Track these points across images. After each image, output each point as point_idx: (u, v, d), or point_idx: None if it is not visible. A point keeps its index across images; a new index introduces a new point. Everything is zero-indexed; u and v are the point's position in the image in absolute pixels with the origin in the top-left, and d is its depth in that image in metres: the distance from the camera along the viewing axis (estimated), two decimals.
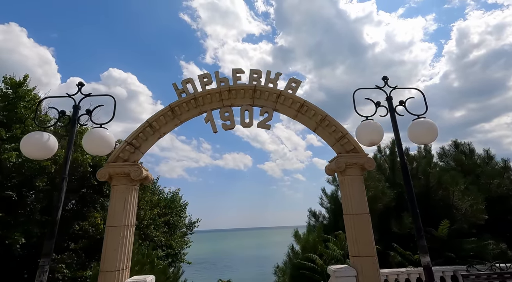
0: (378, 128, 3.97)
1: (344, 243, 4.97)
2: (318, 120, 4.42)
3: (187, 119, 4.55)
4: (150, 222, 8.91)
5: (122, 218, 3.79)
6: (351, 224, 3.88)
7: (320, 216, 7.45)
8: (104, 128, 3.94)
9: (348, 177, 4.07)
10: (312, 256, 5.07)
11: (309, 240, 5.69)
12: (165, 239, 9.74)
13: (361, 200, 3.94)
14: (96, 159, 7.66)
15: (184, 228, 11.91)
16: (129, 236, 3.81)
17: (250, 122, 4.52)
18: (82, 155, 7.31)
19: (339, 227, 6.26)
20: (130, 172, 3.91)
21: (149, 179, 4.31)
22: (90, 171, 7.48)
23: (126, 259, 3.71)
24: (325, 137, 4.46)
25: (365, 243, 3.71)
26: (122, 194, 3.88)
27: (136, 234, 8.66)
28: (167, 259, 8.91)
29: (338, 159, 4.06)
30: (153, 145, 4.40)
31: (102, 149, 3.87)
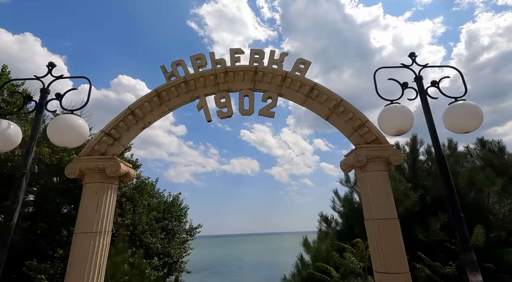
0: (407, 113, 3.25)
1: (364, 254, 4.19)
2: (331, 106, 3.70)
3: (177, 106, 3.90)
4: (146, 228, 8.26)
5: (94, 223, 3.13)
6: (375, 231, 3.12)
7: (333, 221, 6.66)
8: (75, 115, 3.32)
9: (370, 173, 3.33)
10: (327, 267, 4.31)
11: (321, 249, 4.94)
12: (162, 246, 9.06)
13: (387, 202, 3.19)
14: None
15: (184, 234, 11.22)
16: (102, 245, 3.15)
17: (250, 109, 3.84)
18: (69, 155, 6.74)
19: (355, 234, 5.48)
20: (105, 167, 3.27)
21: (131, 176, 3.65)
22: None
23: (97, 273, 3.03)
24: (340, 127, 3.73)
25: (394, 256, 2.95)
26: (95, 194, 3.24)
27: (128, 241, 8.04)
28: (163, 269, 8.22)
29: (358, 152, 3.33)
30: (136, 136, 3.76)
31: (72, 140, 3.24)
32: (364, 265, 4.09)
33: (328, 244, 4.95)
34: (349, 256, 4.24)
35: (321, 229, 6.80)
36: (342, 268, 4.50)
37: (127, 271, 5.15)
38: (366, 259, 4.14)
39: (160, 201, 10.43)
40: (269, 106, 3.84)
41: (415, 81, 3.48)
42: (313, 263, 4.94)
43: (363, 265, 4.15)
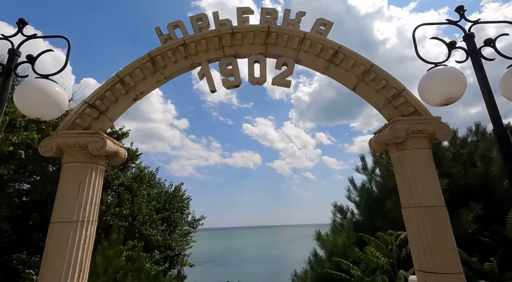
0: (458, 76, 2.63)
1: (390, 248, 3.62)
2: (359, 73, 3.09)
3: (174, 74, 3.30)
4: (146, 219, 7.78)
5: (75, 210, 2.59)
6: (417, 222, 2.54)
7: (348, 212, 6.10)
8: (51, 81, 2.75)
9: (410, 151, 2.73)
10: (348, 264, 3.76)
11: (337, 244, 4.37)
12: (162, 239, 8.59)
13: (433, 186, 2.60)
14: None
15: (186, 226, 10.75)
16: (85, 237, 2.60)
17: (262, 77, 3.23)
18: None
19: (376, 226, 4.92)
20: (87, 144, 2.70)
21: (120, 156, 3.08)
22: None
23: (79, 271, 2.49)
24: (370, 98, 3.12)
25: (443, 251, 2.38)
26: (76, 176, 2.68)
27: (126, 232, 7.58)
28: (165, 263, 7.77)
29: (395, 125, 2.72)
30: (126, 109, 3.18)
31: (45, 110, 2.68)
32: (393, 261, 3.53)
33: (345, 237, 4.38)
34: (373, 251, 3.68)
35: (335, 220, 6.25)
36: (362, 263, 3.95)
37: (121, 266, 4.64)
38: (394, 254, 3.58)
39: (161, 191, 9.94)
40: (284, 74, 3.23)
41: (465, 40, 2.85)
42: (328, 258, 4.40)
43: (392, 261, 3.59)
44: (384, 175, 5.28)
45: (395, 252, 3.55)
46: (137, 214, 7.37)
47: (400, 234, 3.47)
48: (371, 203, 5.41)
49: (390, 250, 3.56)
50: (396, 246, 3.61)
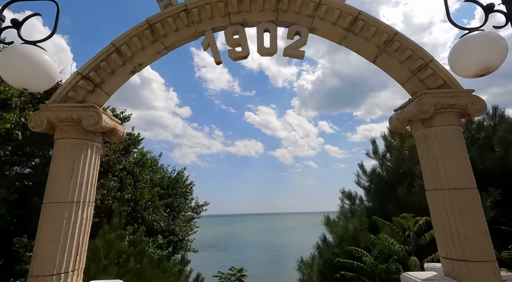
0: (497, 41, 2.31)
1: (406, 234, 3.41)
2: (381, 42, 2.78)
3: (176, 44, 3.01)
4: (148, 204, 7.66)
5: (69, 190, 2.38)
6: (445, 205, 2.31)
7: (356, 198, 5.89)
8: (39, 48, 2.48)
9: (438, 128, 2.46)
10: (359, 250, 3.57)
11: (348, 229, 4.18)
12: (166, 224, 8.51)
13: (463, 166, 2.35)
14: None
15: (190, 211, 10.67)
16: (81, 219, 2.41)
17: (272, 47, 2.93)
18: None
19: (387, 211, 4.71)
20: (81, 118, 2.46)
21: (118, 133, 2.84)
22: None
23: (75, 255, 2.30)
24: (393, 70, 2.83)
25: (475, 237, 2.15)
26: (70, 153, 2.45)
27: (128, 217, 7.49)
28: (168, 248, 7.71)
29: (422, 99, 2.44)
30: (123, 82, 2.91)
31: (33, 80, 2.43)
32: (410, 248, 3.33)
33: (357, 223, 4.18)
34: (387, 237, 3.48)
35: (343, 206, 6.06)
36: (375, 250, 3.76)
37: (123, 250, 4.52)
38: (411, 240, 3.37)
39: (164, 176, 9.80)
40: (297, 44, 2.93)
41: (504, 3, 2.52)
42: (339, 244, 4.22)
43: (408, 247, 3.39)
44: (397, 159, 5.03)
45: (412, 238, 3.35)
46: (140, 199, 7.24)
47: (419, 219, 3.26)
48: (382, 188, 5.19)
49: (407, 237, 3.36)
50: (413, 232, 3.40)
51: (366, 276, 3.58)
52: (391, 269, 3.24)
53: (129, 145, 10.04)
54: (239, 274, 20.46)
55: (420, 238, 3.22)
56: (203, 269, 18.27)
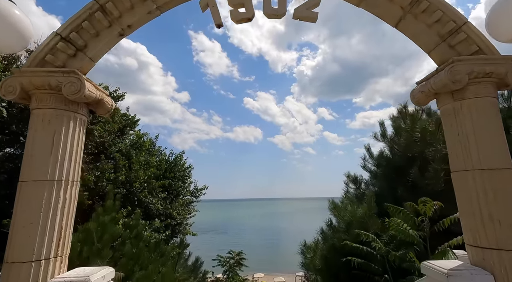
0: None
1: (420, 219, 3.19)
2: (406, 2, 2.43)
3: (169, 5, 2.64)
4: (144, 186, 7.44)
5: (49, 167, 2.09)
6: (476, 187, 2.06)
7: (362, 182, 5.66)
8: (8, 1, 2.12)
9: (471, 100, 2.16)
10: (369, 236, 3.36)
11: (357, 214, 3.97)
12: (163, 207, 8.34)
13: (499, 144, 2.07)
14: None
15: (188, 195, 10.51)
16: (64, 199, 2.14)
17: (280, 8, 2.56)
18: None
19: (396, 196, 4.49)
20: (60, 85, 2.12)
21: (106, 106, 2.53)
22: None
23: (57, 239, 2.05)
24: (418, 35, 2.49)
25: (511, 224, 1.88)
26: (49, 125, 2.14)
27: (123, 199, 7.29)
28: (166, 231, 7.58)
29: (455, 67, 2.12)
30: (110, 47, 2.57)
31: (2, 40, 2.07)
32: (425, 234, 3.12)
33: (366, 208, 3.97)
34: (400, 222, 3.25)
35: (348, 191, 5.85)
36: (385, 236, 3.55)
37: (118, 233, 4.31)
38: (425, 226, 3.15)
39: (161, 159, 9.55)
40: (308, 4, 2.55)
41: None
42: (346, 229, 4.01)
43: (422, 234, 3.18)
44: (407, 142, 4.76)
45: (426, 224, 3.13)
46: (135, 180, 7.02)
47: (436, 204, 3.04)
48: (390, 172, 4.95)
49: (421, 222, 3.14)
50: (427, 218, 3.18)
51: (375, 263, 3.40)
52: (406, 256, 3.04)
53: (125, 126, 9.71)
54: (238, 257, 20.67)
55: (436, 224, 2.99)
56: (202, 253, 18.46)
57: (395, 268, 3.35)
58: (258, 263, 35.47)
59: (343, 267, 4.43)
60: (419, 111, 5.13)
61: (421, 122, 4.79)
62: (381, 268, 3.40)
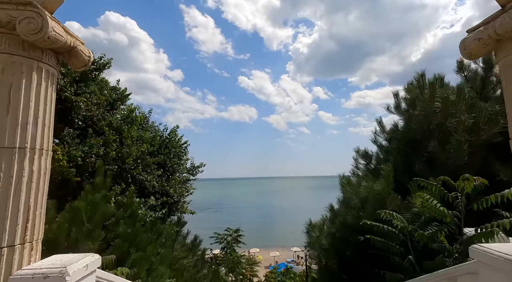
0: None
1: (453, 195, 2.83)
2: None
3: None
4: (138, 162, 6.99)
5: (6, 130, 1.58)
6: None
7: (373, 158, 5.30)
8: None
9: None
10: (391, 214, 3.02)
11: (374, 189, 3.62)
12: (159, 185, 7.96)
13: None
14: None
15: (185, 173, 10.14)
16: (30, 172, 1.68)
17: None
18: None
19: (412, 171, 4.13)
20: (14, 21, 1.57)
21: (81, 56, 1.99)
22: None
23: (24, 223, 1.60)
24: None
25: None
26: (4, 76, 1.67)
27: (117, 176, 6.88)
28: (162, 209, 7.26)
29: None
30: None
31: None
32: (457, 213, 2.78)
33: (384, 184, 3.61)
34: (428, 198, 2.90)
35: (357, 166, 5.50)
36: (407, 214, 3.22)
37: (110, 212, 3.91)
38: (460, 204, 2.80)
39: (155, 135, 9.03)
40: None
41: None
42: (362, 207, 3.68)
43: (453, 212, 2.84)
44: (426, 112, 4.34)
45: (462, 202, 2.77)
46: (127, 156, 6.56)
47: (477, 179, 2.67)
48: (405, 147, 4.58)
49: (455, 198, 2.79)
50: (463, 195, 2.81)
51: (396, 242, 3.10)
52: (435, 235, 2.72)
53: (115, 100, 9.07)
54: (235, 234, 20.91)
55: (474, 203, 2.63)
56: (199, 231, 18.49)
57: (418, 248, 3.05)
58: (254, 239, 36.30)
59: (353, 246, 4.17)
60: (438, 79, 4.65)
61: (442, 91, 4.35)
62: (403, 248, 3.09)
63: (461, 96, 4.37)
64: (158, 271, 3.82)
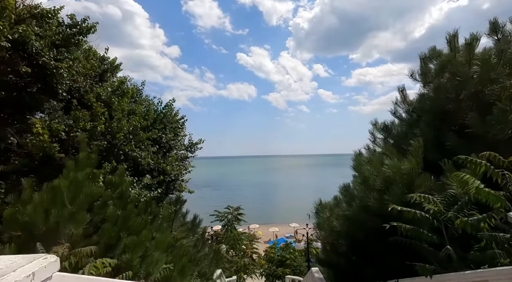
0: None
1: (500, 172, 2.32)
2: None
3: None
4: (130, 137, 6.43)
5: None
6: None
7: (393, 131, 4.75)
8: None
9: None
10: (426, 197, 2.54)
11: (401, 168, 3.12)
12: (155, 162, 7.46)
13: None
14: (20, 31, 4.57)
15: (183, 150, 9.61)
16: None
17: None
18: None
19: (443, 147, 3.61)
20: None
21: None
22: (9, 48, 4.43)
23: None
24: None
25: None
26: None
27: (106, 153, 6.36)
28: (158, 188, 6.83)
29: None
30: None
31: None
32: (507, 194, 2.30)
33: (413, 162, 3.10)
34: (469, 179, 2.41)
35: (374, 140, 4.96)
36: (445, 197, 2.74)
37: (97, 192, 3.43)
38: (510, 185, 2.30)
39: (149, 109, 8.38)
40: None
41: None
42: (386, 188, 3.19)
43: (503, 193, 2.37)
44: (463, 78, 3.73)
45: (510, 183, 2.28)
46: (118, 131, 5.98)
47: None
48: (433, 119, 4.02)
49: (503, 175, 2.30)
50: (506, 172, 2.33)
51: (428, 230, 2.66)
52: (482, 223, 2.26)
53: (104, 71, 8.30)
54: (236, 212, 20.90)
55: None
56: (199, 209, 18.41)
57: (455, 236, 2.60)
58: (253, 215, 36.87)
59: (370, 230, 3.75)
60: (475, 39, 3.99)
61: (483, 53, 3.72)
62: (436, 237, 2.65)
63: (502, 58, 3.75)
64: (153, 257, 3.42)
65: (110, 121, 5.93)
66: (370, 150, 5.07)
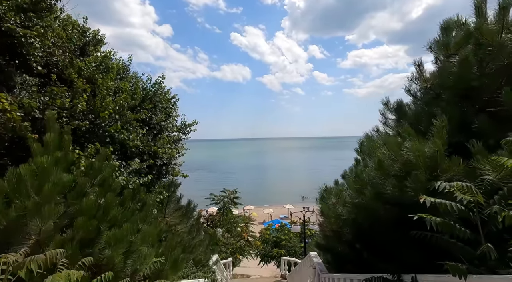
0: None
1: None
2: None
3: None
4: (116, 117, 5.83)
5: None
6: None
7: (407, 110, 4.28)
8: None
9: None
10: (465, 186, 2.12)
11: (421, 151, 2.68)
12: (144, 144, 6.90)
13: None
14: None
15: (175, 131, 9.03)
16: None
17: None
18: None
19: (470, 129, 3.17)
20: None
21: None
22: None
23: None
24: None
25: None
26: None
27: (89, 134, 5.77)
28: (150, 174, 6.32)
29: None
30: None
31: None
32: None
33: (439, 143, 2.65)
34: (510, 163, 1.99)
35: (386, 122, 4.50)
36: (481, 184, 2.33)
37: (70, 180, 2.92)
38: None
39: (136, 86, 7.69)
40: None
41: None
42: (406, 174, 2.76)
43: None
44: (495, 47, 3.23)
45: None
46: (102, 110, 5.38)
47: None
48: (455, 96, 3.54)
49: None
50: None
51: (459, 223, 2.27)
52: None
53: (85, 44, 7.51)
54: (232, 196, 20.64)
55: None
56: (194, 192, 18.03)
57: (493, 231, 2.21)
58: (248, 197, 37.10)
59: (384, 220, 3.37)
60: (509, 3, 3.45)
61: None
62: (469, 232, 2.25)
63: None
64: (140, 252, 3.00)
65: (93, 100, 5.30)
66: (379, 132, 4.63)
